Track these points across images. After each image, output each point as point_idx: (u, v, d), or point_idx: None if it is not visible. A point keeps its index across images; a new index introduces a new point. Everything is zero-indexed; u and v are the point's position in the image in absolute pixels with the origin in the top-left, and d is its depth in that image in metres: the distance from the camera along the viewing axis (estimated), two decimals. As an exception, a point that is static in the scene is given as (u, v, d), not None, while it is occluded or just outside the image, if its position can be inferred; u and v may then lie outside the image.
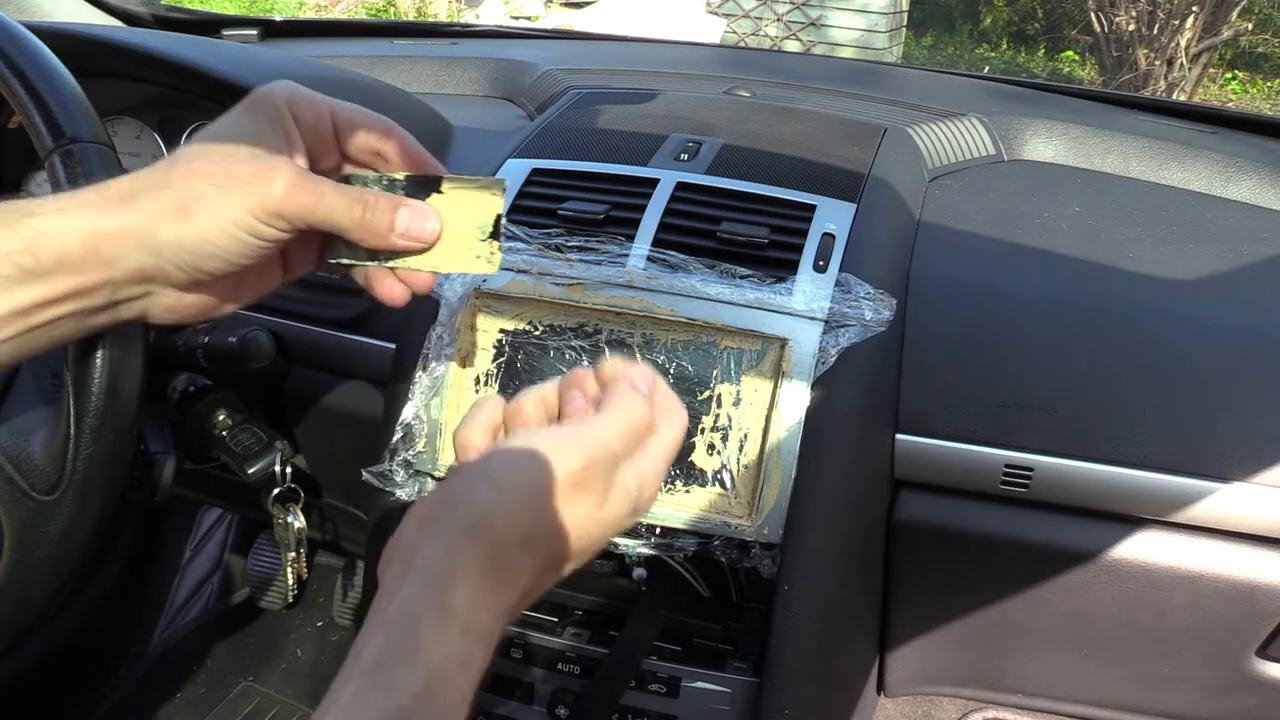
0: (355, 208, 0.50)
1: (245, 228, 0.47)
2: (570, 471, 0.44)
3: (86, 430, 0.60)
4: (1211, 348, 0.78)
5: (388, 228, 0.51)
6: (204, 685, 1.39)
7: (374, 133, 0.54)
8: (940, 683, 1.00)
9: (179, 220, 0.46)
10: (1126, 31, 5.68)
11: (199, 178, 0.46)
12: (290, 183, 0.47)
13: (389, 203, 0.51)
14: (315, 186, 0.48)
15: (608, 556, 0.84)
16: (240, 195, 0.46)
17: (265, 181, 0.47)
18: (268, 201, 0.47)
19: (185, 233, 0.46)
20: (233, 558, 1.49)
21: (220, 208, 0.46)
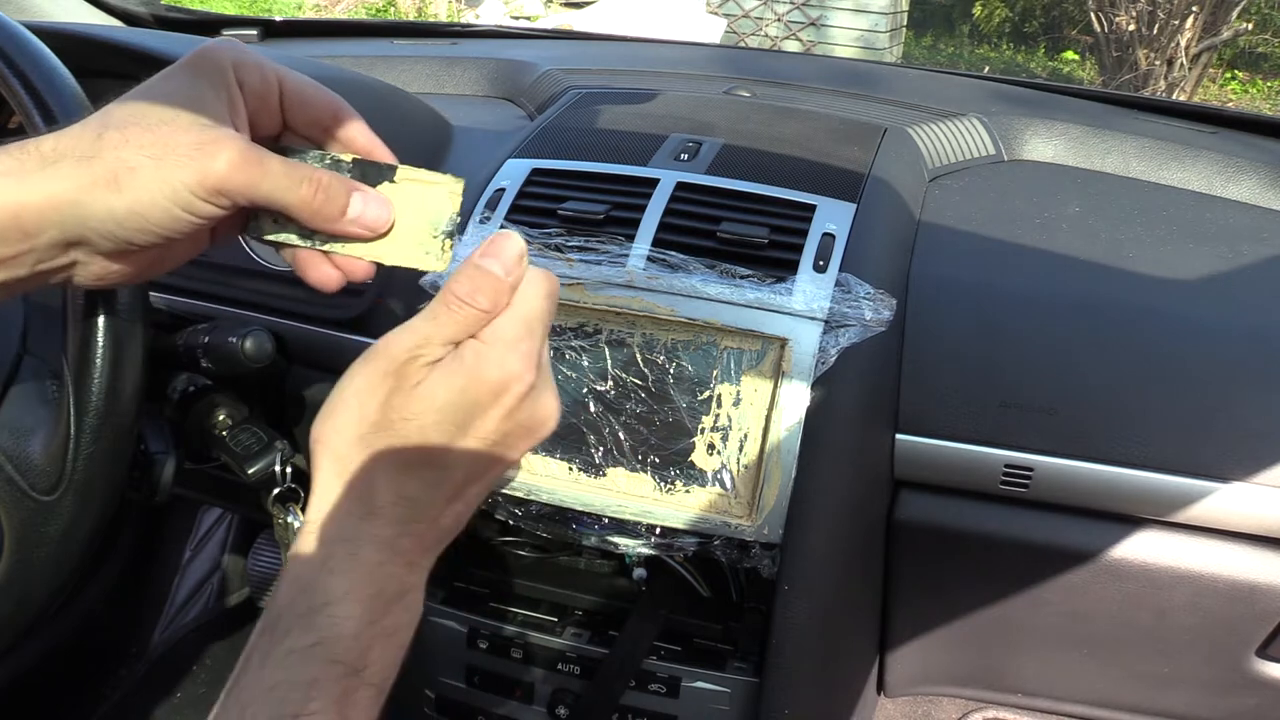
0: (305, 187, 0.46)
1: (182, 203, 0.43)
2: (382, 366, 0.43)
3: (86, 430, 0.60)
4: (1211, 348, 0.78)
5: (339, 212, 0.47)
6: (204, 685, 1.39)
7: (323, 111, 0.51)
8: (940, 683, 1.00)
9: (109, 192, 0.42)
10: (1126, 31, 5.68)
11: (132, 147, 0.43)
12: (235, 158, 0.43)
13: (342, 185, 0.48)
14: (262, 162, 0.44)
15: (608, 556, 0.84)
16: (179, 169, 0.43)
17: (208, 155, 0.43)
18: (209, 177, 0.43)
19: (116, 205, 0.43)
20: (233, 558, 1.49)
21: (155, 181, 0.43)
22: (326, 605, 0.41)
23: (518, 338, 0.44)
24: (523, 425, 0.45)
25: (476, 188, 0.86)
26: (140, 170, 0.43)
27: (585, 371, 0.77)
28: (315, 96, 0.51)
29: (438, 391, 0.43)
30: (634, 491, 0.76)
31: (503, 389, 0.44)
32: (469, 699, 0.86)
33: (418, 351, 0.43)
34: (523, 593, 0.86)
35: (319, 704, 0.40)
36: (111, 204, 0.43)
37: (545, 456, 0.78)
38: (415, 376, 0.43)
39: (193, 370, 0.84)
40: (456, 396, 0.43)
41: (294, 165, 0.46)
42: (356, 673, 0.41)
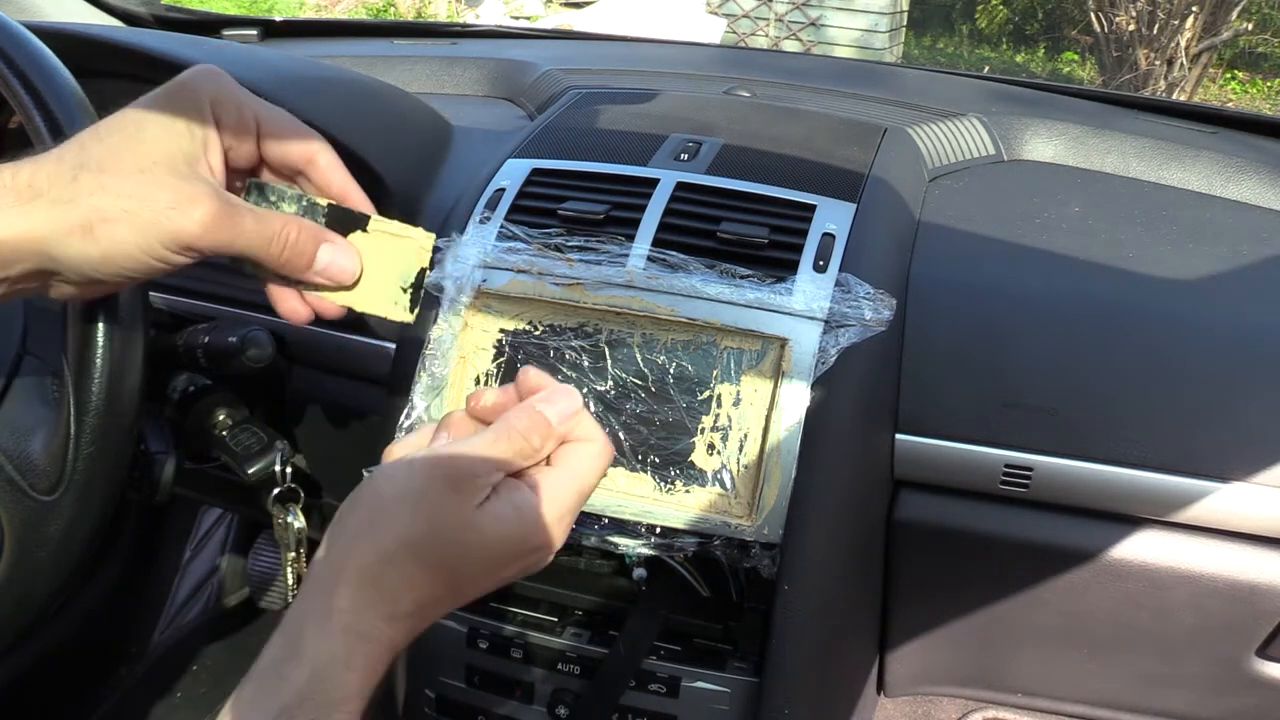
0: (274, 244, 0.47)
1: (154, 255, 0.44)
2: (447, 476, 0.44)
3: (86, 430, 0.60)
4: (1211, 347, 0.78)
5: (307, 264, 0.48)
6: (204, 685, 1.39)
7: (299, 153, 0.51)
8: (940, 683, 1.00)
9: (83, 239, 0.43)
10: (1126, 31, 5.68)
11: (108, 196, 0.43)
12: (207, 218, 0.44)
13: (312, 238, 0.48)
14: (233, 220, 0.45)
15: (608, 556, 0.84)
16: (153, 226, 0.44)
17: (181, 214, 0.44)
18: (182, 235, 0.44)
19: (90, 252, 0.44)
20: (233, 558, 1.49)
21: (129, 233, 0.44)
22: (344, 702, 0.41)
23: (570, 509, 0.47)
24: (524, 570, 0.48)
25: (477, 188, 0.86)
26: (116, 223, 0.43)
27: (585, 371, 0.77)
28: (291, 136, 0.50)
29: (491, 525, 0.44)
30: (634, 491, 0.76)
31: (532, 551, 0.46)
32: (469, 699, 0.86)
33: (481, 470, 0.44)
34: (523, 593, 0.86)
35: None
36: (86, 250, 0.44)
37: (545, 456, 0.78)
38: (478, 495, 0.44)
39: (193, 370, 0.84)
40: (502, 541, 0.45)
41: (265, 220, 0.47)
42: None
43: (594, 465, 0.48)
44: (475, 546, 0.44)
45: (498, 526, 0.45)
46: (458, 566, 0.44)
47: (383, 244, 0.51)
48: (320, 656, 0.42)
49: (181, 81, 0.48)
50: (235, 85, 0.49)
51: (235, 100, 0.48)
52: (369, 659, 0.42)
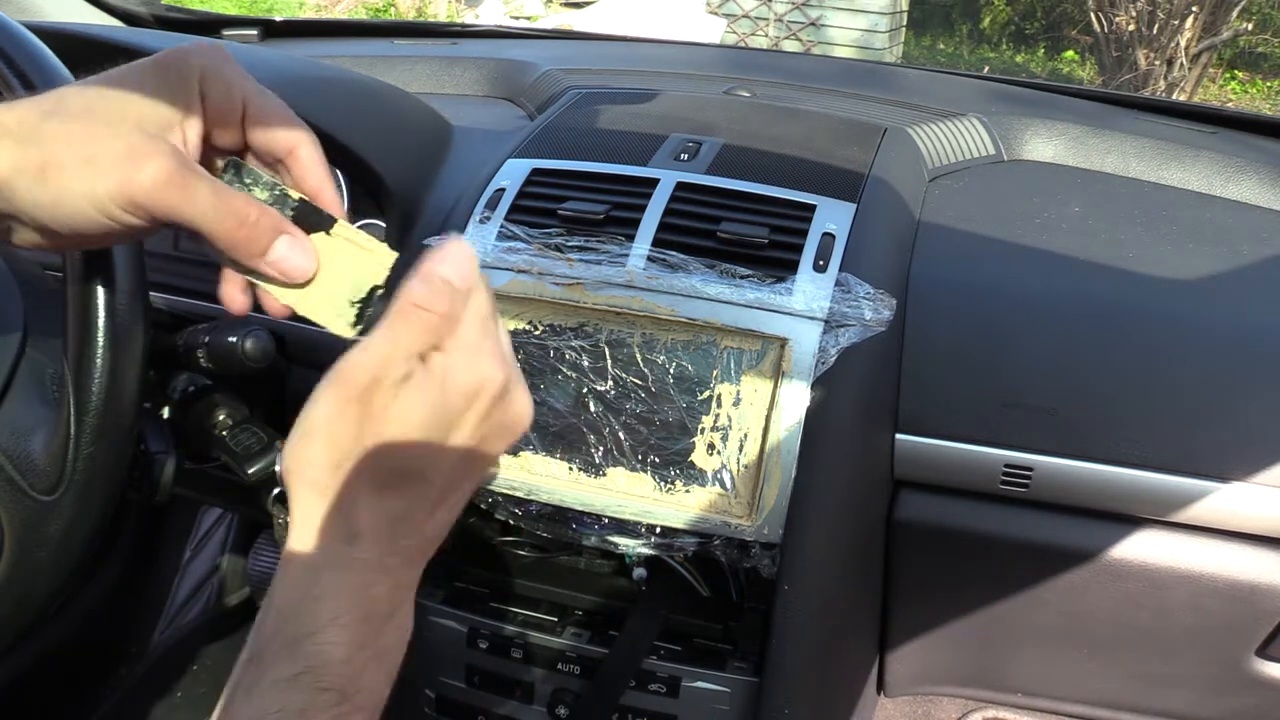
0: (228, 220, 0.44)
1: (101, 210, 0.43)
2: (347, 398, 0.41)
3: (86, 430, 0.60)
4: (1211, 347, 0.78)
5: (260, 252, 0.46)
6: (204, 685, 1.39)
7: (281, 141, 0.49)
8: (940, 682, 1.00)
9: (35, 181, 0.42)
10: (1126, 31, 5.68)
11: (66, 142, 0.42)
12: (159, 175, 0.42)
13: (270, 225, 0.46)
14: (188, 184, 0.43)
15: (608, 556, 0.84)
16: (103, 175, 0.42)
17: (134, 167, 0.42)
18: (128, 188, 0.42)
19: (40, 196, 0.42)
20: (233, 558, 1.49)
21: (79, 183, 0.42)
22: (314, 633, 0.40)
23: (479, 339, 0.43)
24: (499, 425, 0.44)
25: (477, 188, 0.86)
26: (67, 169, 0.42)
27: (585, 371, 0.77)
28: (277, 124, 0.49)
29: (411, 411, 0.41)
30: (634, 491, 0.76)
31: (476, 394, 0.43)
32: (469, 699, 0.86)
33: (381, 373, 0.41)
34: (523, 593, 0.86)
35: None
36: (36, 194, 0.43)
37: (545, 456, 0.78)
38: (383, 400, 0.41)
39: (193, 370, 0.84)
40: (431, 412, 0.42)
41: (226, 195, 0.45)
42: (348, 698, 0.40)
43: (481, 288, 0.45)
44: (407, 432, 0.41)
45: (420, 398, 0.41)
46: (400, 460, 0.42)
47: (343, 251, 0.49)
48: (279, 596, 0.42)
49: (176, 50, 0.47)
50: (233, 65, 0.48)
51: (226, 78, 0.47)
52: (340, 586, 0.41)
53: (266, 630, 0.41)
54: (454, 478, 0.44)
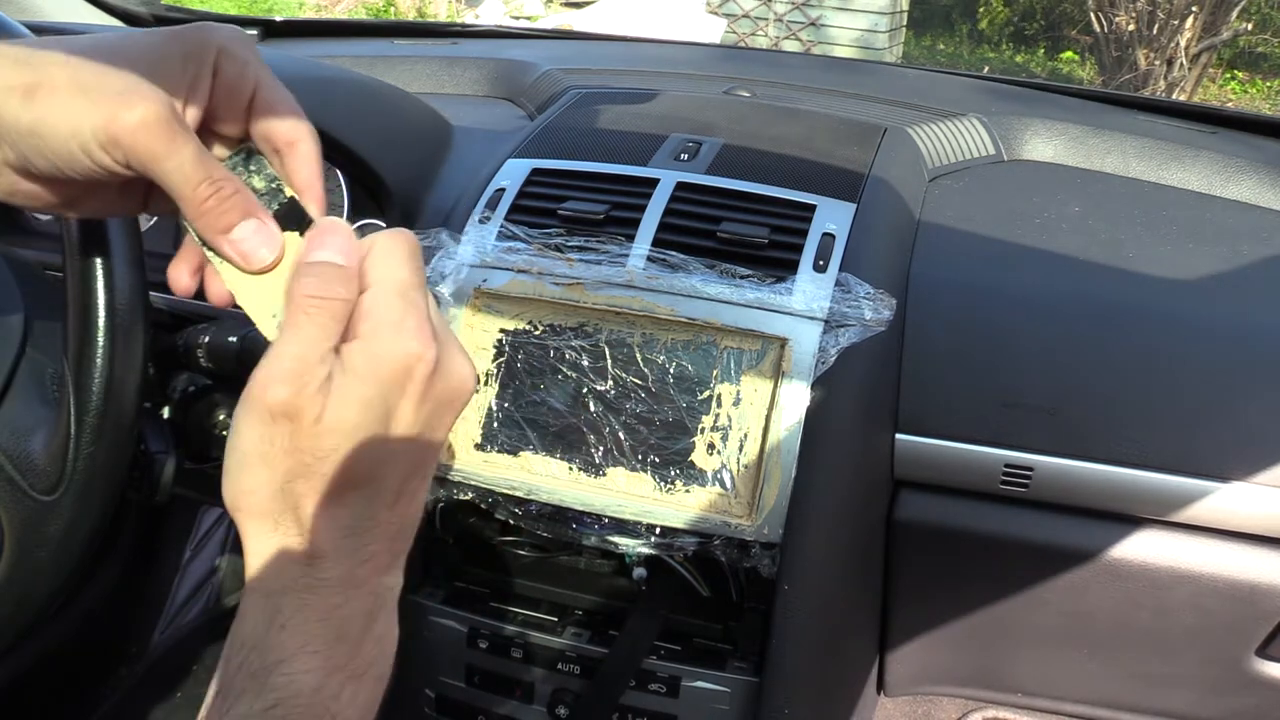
0: (203, 187, 0.42)
1: (80, 143, 0.41)
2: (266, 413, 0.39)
3: (86, 430, 0.60)
4: (1211, 347, 0.78)
5: (224, 228, 0.44)
6: (204, 685, 1.38)
7: (281, 132, 0.47)
8: (940, 682, 1.00)
9: (21, 100, 0.40)
10: (1126, 31, 5.68)
11: (65, 69, 0.41)
12: (147, 117, 0.40)
13: (242, 204, 0.44)
14: (174, 136, 0.41)
15: (608, 556, 0.84)
16: (91, 108, 0.40)
17: (124, 104, 0.40)
18: (113, 125, 0.40)
19: (21, 116, 0.41)
20: (233, 558, 1.49)
21: (65, 110, 0.40)
22: (281, 663, 0.38)
23: (400, 316, 0.40)
24: (440, 401, 0.41)
25: (477, 188, 0.86)
26: (58, 93, 0.41)
27: (585, 371, 0.77)
28: (283, 114, 0.47)
29: (343, 413, 0.39)
30: (634, 491, 0.76)
31: (407, 375, 0.40)
32: (469, 699, 0.86)
33: (300, 382, 0.38)
34: (523, 593, 0.86)
35: None
36: (18, 113, 0.41)
37: (545, 456, 0.78)
38: (311, 409, 0.38)
39: (193, 370, 0.84)
40: (364, 409, 0.39)
41: (206, 160, 0.43)
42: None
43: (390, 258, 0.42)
44: (344, 437, 0.39)
45: (349, 398, 0.39)
46: (344, 468, 0.39)
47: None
48: (242, 629, 0.40)
49: (202, 26, 0.46)
50: (252, 51, 0.47)
51: (242, 60, 0.46)
52: (305, 610, 0.39)
53: (232, 664, 0.39)
54: (406, 469, 0.41)
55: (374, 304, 0.40)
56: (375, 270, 0.41)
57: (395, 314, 0.40)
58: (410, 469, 0.41)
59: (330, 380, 0.39)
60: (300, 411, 0.38)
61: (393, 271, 0.41)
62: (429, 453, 0.42)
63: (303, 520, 0.39)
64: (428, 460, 0.42)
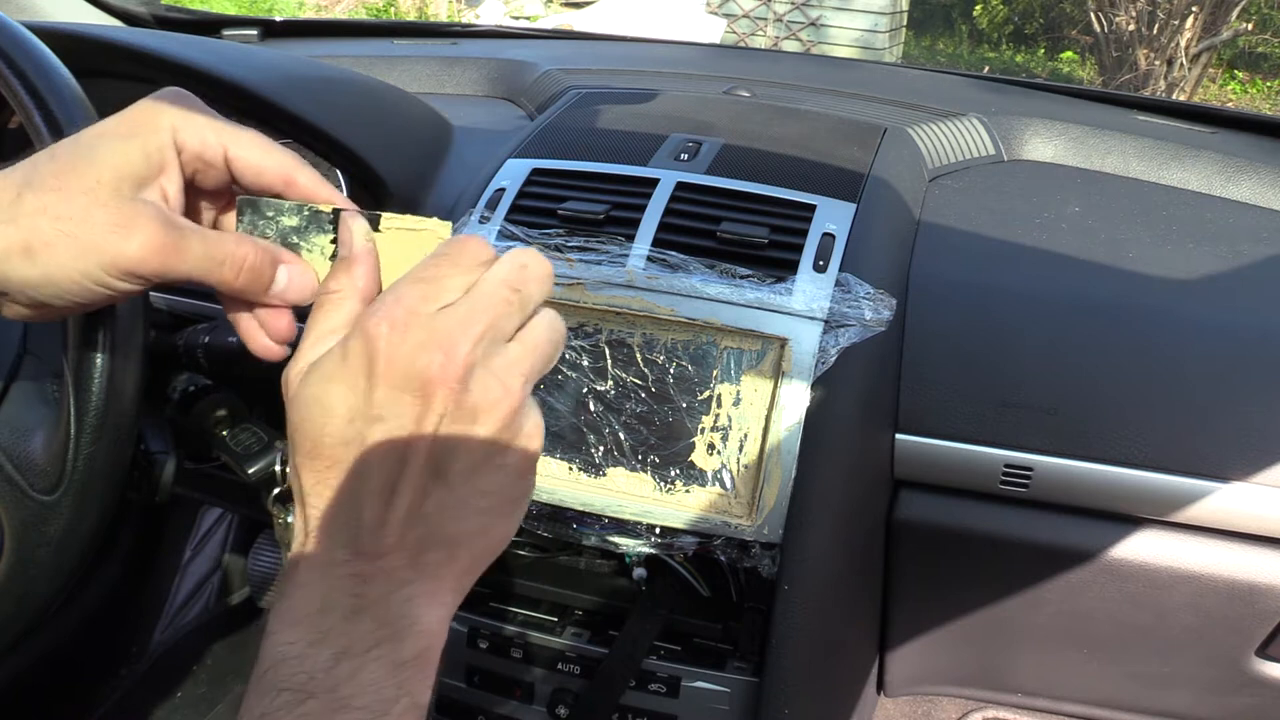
0: (227, 269, 0.44)
1: (95, 280, 0.43)
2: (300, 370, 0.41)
3: (86, 430, 0.60)
4: (1211, 347, 0.78)
5: (264, 289, 0.46)
6: (204, 685, 1.39)
7: (274, 177, 0.47)
8: (940, 683, 1.00)
9: (23, 260, 0.42)
10: (1126, 31, 5.68)
11: (48, 218, 0.42)
12: (148, 241, 0.42)
13: (268, 260, 0.45)
14: (179, 245, 0.43)
15: (608, 556, 0.84)
16: (92, 250, 0.42)
17: (121, 237, 0.42)
18: (121, 259, 0.42)
19: (30, 274, 0.42)
20: (233, 558, 1.49)
21: (68, 257, 0.42)
22: (272, 632, 0.39)
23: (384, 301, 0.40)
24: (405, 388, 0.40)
25: (477, 188, 0.86)
26: (54, 245, 0.42)
27: (585, 371, 0.77)
28: (262, 161, 0.47)
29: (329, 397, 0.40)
30: (634, 491, 0.76)
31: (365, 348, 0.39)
32: (469, 699, 0.86)
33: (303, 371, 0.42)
34: (523, 593, 0.86)
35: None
36: (26, 273, 0.42)
37: (545, 456, 0.78)
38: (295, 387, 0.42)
39: (193, 370, 0.84)
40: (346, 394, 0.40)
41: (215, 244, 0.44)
42: (313, 695, 0.38)
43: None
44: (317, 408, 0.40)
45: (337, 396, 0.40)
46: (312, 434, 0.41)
47: (399, 240, 0.49)
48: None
49: (144, 107, 0.46)
50: (202, 109, 0.47)
51: (200, 134, 0.46)
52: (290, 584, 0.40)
53: None
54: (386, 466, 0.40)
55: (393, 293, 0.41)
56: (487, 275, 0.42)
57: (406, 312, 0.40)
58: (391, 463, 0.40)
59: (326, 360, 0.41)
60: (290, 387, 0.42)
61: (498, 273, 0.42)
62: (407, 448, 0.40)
63: (308, 497, 0.41)
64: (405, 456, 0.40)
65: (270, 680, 0.38)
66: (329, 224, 0.48)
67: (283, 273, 0.46)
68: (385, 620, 0.40)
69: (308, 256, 0.48)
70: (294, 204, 0.48)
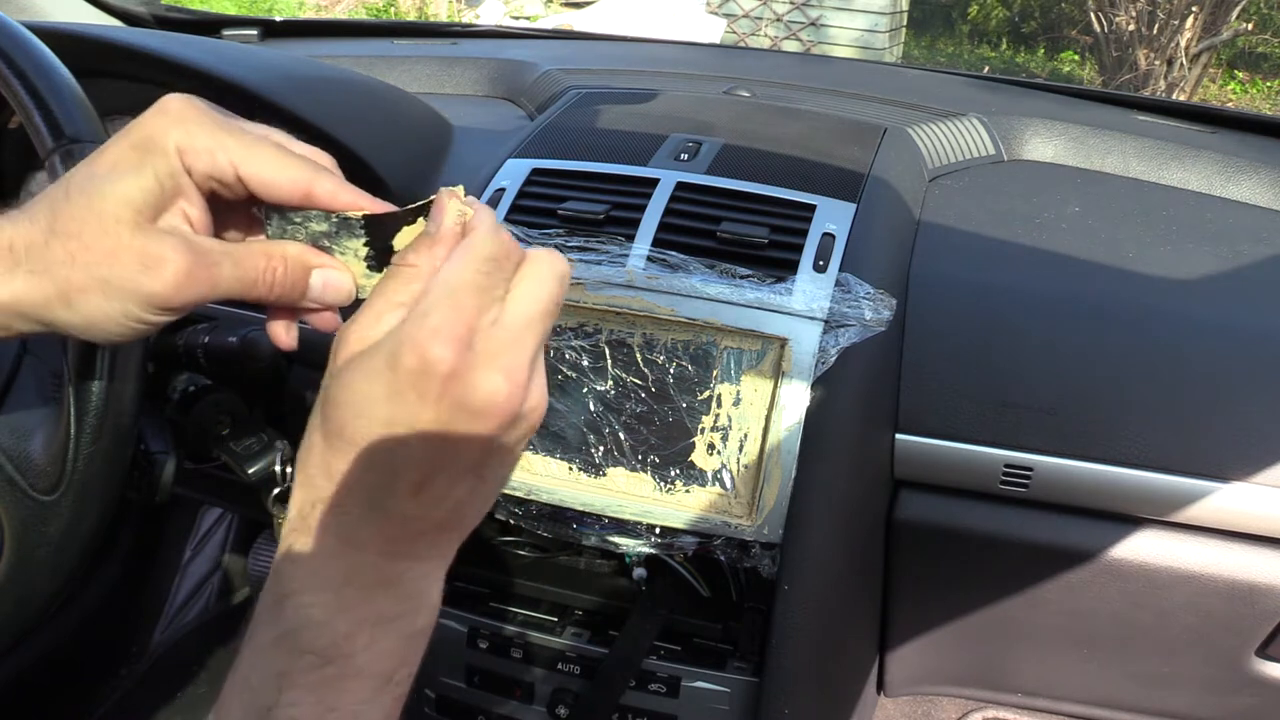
0: (260, 285, 0.45)
1: (133, 318, 0.44)
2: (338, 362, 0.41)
3: (86, 430, 0.60)
4: (1211, 347, 0.78)
5: (300, 296, 0.46)
6: (204, 685, 1.39)
7: (290, 192, 0.46)
8: (940, 682, 1.00)
9: (65, 309, 0.43)
10: (1126, 31, 5.68)
11: (79, 265, 0.43)
12: (178, 276, 0.43)
13: (300, 268, 0.46)
14: (208, 270, 0.44)
15: (608, 556, 0.84)
16: (124, 291, 0.43)
17: (151, 277, 0.43)
18: (154, 298, 0.43)
19: (73, 320, 0.44)
20: (233, 558, 1.49)
21: (104, 301, 0.43)
22: (291, 595, 0.40)
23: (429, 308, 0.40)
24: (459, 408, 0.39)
25: (477, 188, 0.86)
26: (88, 291, 0.43)
27: (585, 371, 0.77)
28: (277, 178, 0.46)
29: (365, 385, 0.40)
30: (634, 491, 0.76)
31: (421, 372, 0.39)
32: (469, 699, 0.86)
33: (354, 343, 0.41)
34: (523, 593, 0.86)
35: (293, 695, 0.39)
36: (68, 319, 0.44)
37: (545, 456, 0.78)
38: (330, 377, 0.41)
39: (193, 370, 0.84)
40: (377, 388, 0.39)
41: (244, 262, 0.45)
42: (332, 661, 0.39)
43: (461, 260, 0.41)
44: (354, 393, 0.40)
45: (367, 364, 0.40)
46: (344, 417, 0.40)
47: None
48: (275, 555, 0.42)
49: (148, 130, 0.45)
50: (208, 126, 0.45)
51: (209, 150, 0.45)
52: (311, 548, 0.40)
53: (261, 595, 0.42)
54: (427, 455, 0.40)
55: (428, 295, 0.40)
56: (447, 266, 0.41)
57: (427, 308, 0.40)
58: (429, 464, 0.40)
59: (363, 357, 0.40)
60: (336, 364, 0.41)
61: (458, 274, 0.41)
62: (447, 454, 0.40)
63: (314, 457, 0.41)
64: (446, 462, 0.41)
65: (289, 643, 0.39)
66: (360, 229, 0.47)
67: (317, 277, 0.47)
68: (405, 596, 0.42)
69: (341, 259, 0.48)
70: (321, 214, 0.47)
